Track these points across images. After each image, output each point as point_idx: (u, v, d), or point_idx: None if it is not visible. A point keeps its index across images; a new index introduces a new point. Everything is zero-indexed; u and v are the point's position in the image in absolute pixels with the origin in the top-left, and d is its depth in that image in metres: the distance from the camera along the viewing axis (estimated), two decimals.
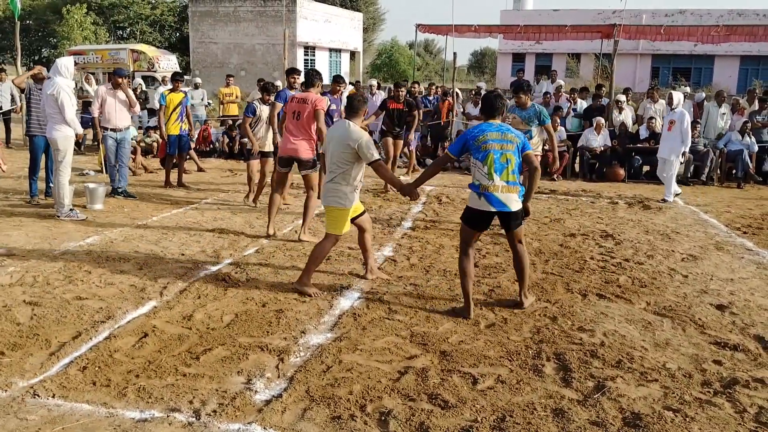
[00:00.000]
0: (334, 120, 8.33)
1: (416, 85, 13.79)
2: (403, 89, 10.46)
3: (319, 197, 6.54)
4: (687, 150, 10.08)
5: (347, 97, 5.78)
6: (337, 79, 9.48)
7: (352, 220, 5.58)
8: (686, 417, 3.49)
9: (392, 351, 4.29)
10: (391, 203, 9.56)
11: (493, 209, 4.82)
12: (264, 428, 3.31)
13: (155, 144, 13.51)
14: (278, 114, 8.49)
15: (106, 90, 9.40)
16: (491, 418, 3.45)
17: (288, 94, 8.73)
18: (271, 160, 8.59)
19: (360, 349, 4.31)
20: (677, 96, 10.20)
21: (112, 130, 9.39)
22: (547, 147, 9.17)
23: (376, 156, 5.26)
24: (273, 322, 4.73)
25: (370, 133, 9.45)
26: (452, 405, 3.57)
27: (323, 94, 7.80)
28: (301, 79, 8.40)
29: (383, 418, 3.43)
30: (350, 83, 17.52)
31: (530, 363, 4.16)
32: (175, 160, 10.57)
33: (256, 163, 8.94)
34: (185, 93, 10.48)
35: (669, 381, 3.93)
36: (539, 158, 7.64)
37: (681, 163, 10.25)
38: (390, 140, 10.49)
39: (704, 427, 3.39)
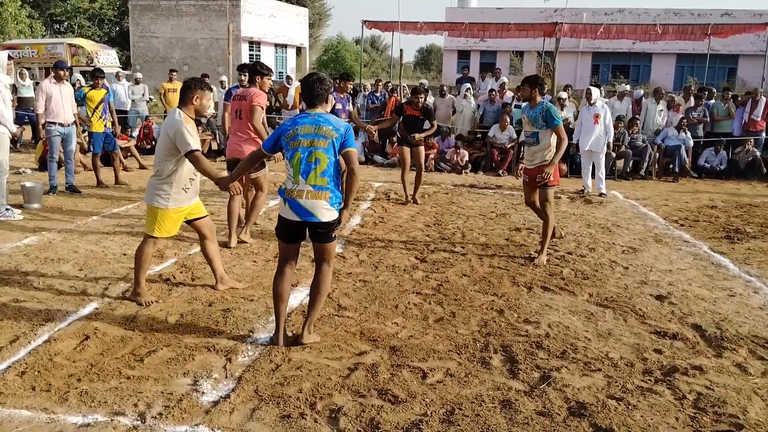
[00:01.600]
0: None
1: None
2: (422, 95, 9.34)
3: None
4: (611, 141, 10.60)
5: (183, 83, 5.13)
6: (345, 77, 8.71)
7: (189, 222, 5.17)
8: (629, 405, 3.59)
9: (342, 348, 4.28)
10: None
11: (297, 218, 4.08)
12: (212, 429, 3.26)
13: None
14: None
15: (49, 84, 9.08)
16: (440, 411, 3.48)
17: (234, 90, 8.64)
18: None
19: (309, 346, 4.28)
20: (595, 92, 10.61)
21: (60, 124, 9.09)
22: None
23: (193, 146, 4.72)
24: (220, 322, 4.66)
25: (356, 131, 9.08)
26: (402, 400, 3.59)
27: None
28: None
29: (333, 415, 3.42)
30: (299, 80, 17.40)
31: (478, 356, 4.21)
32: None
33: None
34: (107, 89, 10.18)
35: (612, 370, 4.04)
36: (549, 171, 6.32)
37: (607, 153, 10.77)
38: (405, 148, 9.38)
39: (646, 415, 3.50)
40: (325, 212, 4.07)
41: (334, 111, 7.23)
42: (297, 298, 5.23)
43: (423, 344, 4.37)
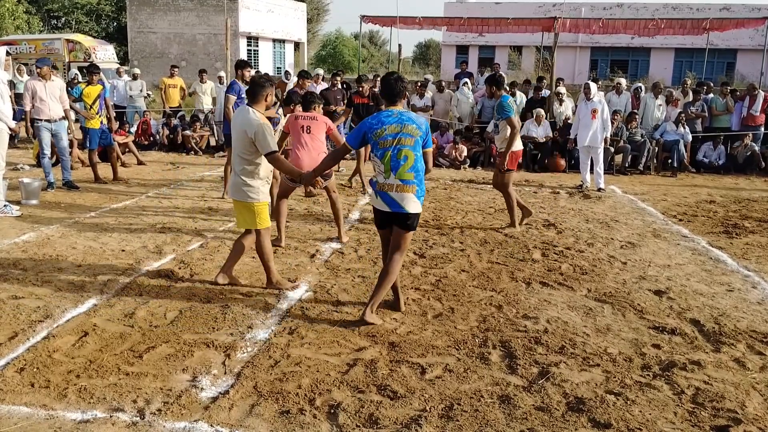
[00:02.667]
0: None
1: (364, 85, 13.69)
2: (366, 83, 10.37)
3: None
4: (608, 136, 10.56)
5: (250, 81, 5.31)
6: (302, 75, 9.06)
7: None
8: (627, 400, 3.60)
9: (341, 343, 4.28)
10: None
11: (387, 209, 4.49)
12: (211, 425, 3.26)
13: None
14: (233, 107, 8.37)
15: (34, 81, 9.03)
16: (439, 406, 3.49)
17: (240, 87, 8.62)
18: None
19: (308, 342, 4.29)
20: (593, 86, 10.57)
21: (46, 120, 9.06)
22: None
23: (273, 147, 4.87)
24: (219, 318, 4.66)
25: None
26: (401, 395, 3.59)
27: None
28: (252, 72, 8.34)
29: (332, 411, 3.43)
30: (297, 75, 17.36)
31: (477, 351, 4.21)
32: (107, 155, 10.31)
33: None
34: (103, 86, 10.15)
35: (610, 365, 4.05)
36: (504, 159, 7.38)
37: (605, 148, 10.75)
38: None
39: (644, 410, 3.50)
40: (412, 204, 4.48)
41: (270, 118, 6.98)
42: (297, 292, 5.23)
43: (422, 340, 4.37)
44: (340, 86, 12.69)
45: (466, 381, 3.80)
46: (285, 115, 7.15)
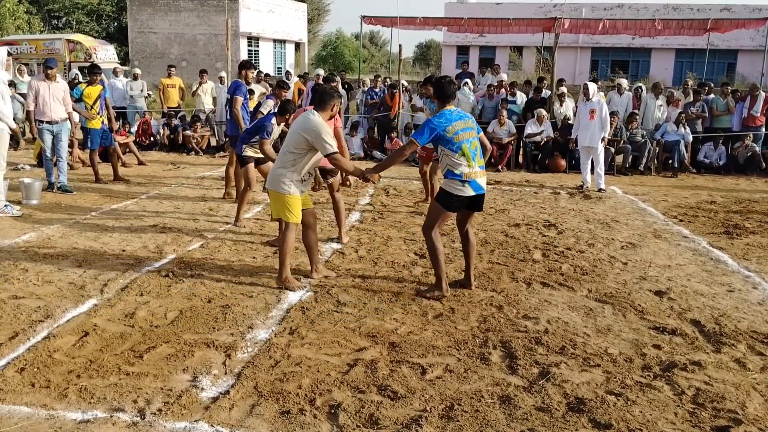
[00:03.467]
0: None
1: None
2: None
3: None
4: (607, 136, 10.55)
5: (316, 90, 5.68)
6: (280, 86, 9.05)
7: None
8: (628, 400, 3.59)
9: (341, 344, 4.28)
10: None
11: (473, 193, 5.07)
12: (211, 425, 3.26)
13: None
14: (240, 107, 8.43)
15: (38, 81, 9.04)
16: (440, 407, 3.49)
17: (246, 88, 8.67)
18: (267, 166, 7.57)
19: (309, 342, 4.29)
20: (592, 87, 10.56)
21: (48, 122, 9.06)
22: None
23: (334, 149, 5.15)
24: (219, 318, 4.66)
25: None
26: (401, 395, 3.59)
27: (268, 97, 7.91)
28: (255, 73, 8.42)
29: (333, 411, 3.42)
30: (298, 76, 17.38)
31: (477, 351, 4.21)
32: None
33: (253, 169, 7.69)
34: (103, 86, 10.14)
35: (611, 366, 4.05)
36: None
37: (606, 148, 10.78)
38: None
39: (645, 410, 3.50)
40: (486, 185, 5.20)
41: (262, 124, 6.99)
42: (298, 293, 5.23)
43: (422, 340, 4.37)
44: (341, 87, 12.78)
45: (467, 381, 3.80)
46: (278, 124, 7.13)
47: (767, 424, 3.39)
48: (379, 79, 15.55)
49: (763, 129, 12.91)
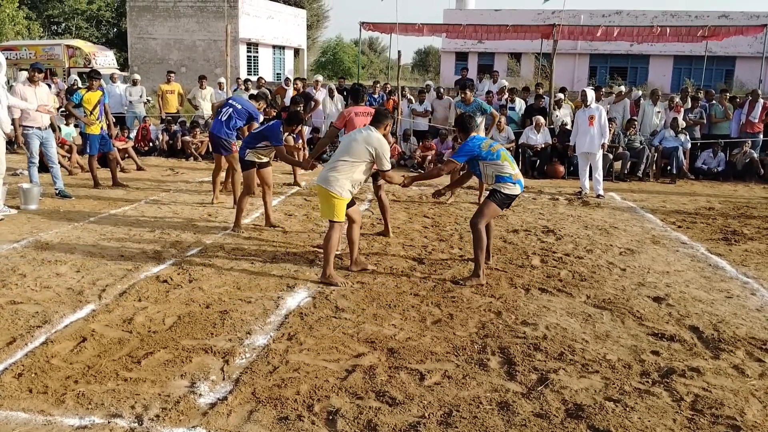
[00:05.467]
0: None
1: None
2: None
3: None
4: (607, 142, 10.57)
5: (376, 109, 6.15)
6: (256, 97, 9.19)
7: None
8: (626, 407, 3.59)
9: (339, 350, 4.28)
10: None
11: (520, 191, 5.86)
12: (209, 431, 3.25)
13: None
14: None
15: (23, 87, 8.91)
16: (438, 413, 3.48)
17: (261, 117, 8.85)
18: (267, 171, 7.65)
19: (307, 348, 4.28)
20: (590, 93, 10.57)
21: (37, 128, 9.01)
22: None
23: (390, 166, 5.83)
24: (217, 324, 4.66)
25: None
26: (400, 402, 3.59)
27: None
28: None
29: (331, 417, 3.42)
30: (296, 80, 17.40)
31: (476, 357, 4.21)
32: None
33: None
34: (103, 91, 10.13)
35: (609, 372, 4.04)
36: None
37: (604, 155, 10.82)
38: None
39: (644, 416, 3.50)
40: None
41: (272, 131, 7.16)
42: (296, 298, 5.23)
43: (421, 346, 4.37)
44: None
45: (465, 387, 3.80)
46: (286, 134, 7.21)
47: (766, 431, 3.39)
48: (378, 85, 15.57)
49: (761, 135, 12.94)
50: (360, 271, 6.01)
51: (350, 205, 5.84)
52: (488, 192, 5.96)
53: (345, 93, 15.20)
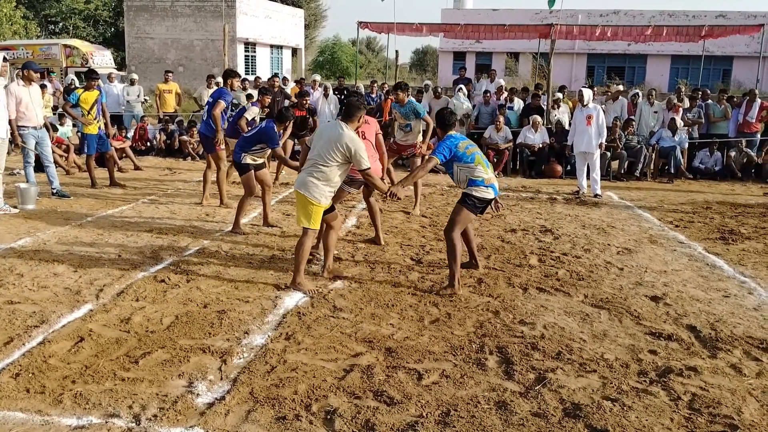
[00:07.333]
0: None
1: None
2: (307, 98, 11.25)
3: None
4: (604, 141, 10.55)
5: (347, 101, 5.73)
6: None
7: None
8: (624, 406, 3.59)
9: (337, 349, 4.28)
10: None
11: (494, 196, 5.66)
12: (206, 431, 3.25)
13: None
14: (222, 112, 8.49)
15: (18, 87, 8.82)
16: (436, 412, 3.48)
17: (230, 97, 8.73)
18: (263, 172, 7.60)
19: (305, 348, 4.28)
20: (587, 93, 10.55)
21: (33, 128, 8.97)
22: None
23: (369, 165, 5.39)
24: (215, 324, 4.65)
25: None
26: (398, 401, 3.59)
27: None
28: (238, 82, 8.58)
29: (329, 416, 3.42)
30: (295, 81, 17.41)
31: (474, 357, 4.21)
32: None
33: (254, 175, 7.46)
34: (100, 91, 10.11)
35: (607, 371, 4.05)
36: (423, 148, 8.70)
37: (602, 154, 10.83)
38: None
39: (641, 416, 3.50)
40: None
41: (267, 132, 7.15)
42: (294, 298, 5.23)
43: (418, 345, 4.37)
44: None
45: (463, 387, 3.80)
46: (278, 131, 7.19)
47: (763, 430, 3.40)
48: (376, 84, 15.56)
49: (759, 135, 12.96)
50: (333, 279, 5.75)
51: (330, 210, 5.63)
52: (460, 197, 5.73)
53: (344, 93, 15.19)
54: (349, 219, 8.32)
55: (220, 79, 14.82)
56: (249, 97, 12.89)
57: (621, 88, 14.27)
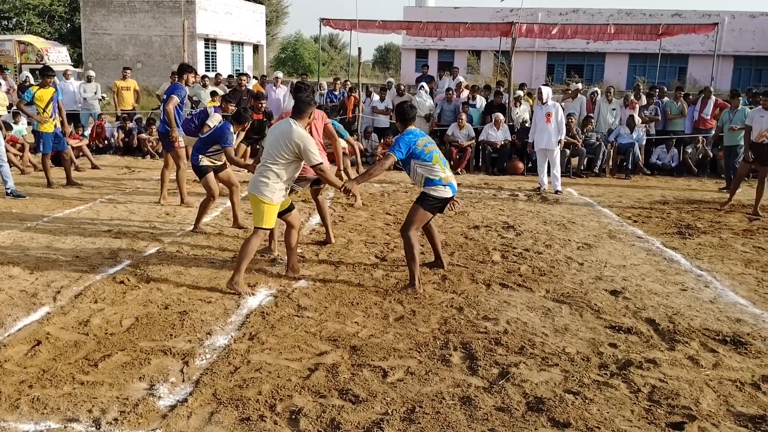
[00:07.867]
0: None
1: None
2: (264, 100, 10.71)
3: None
4: (563, 138, 10.73)
5: (297, 98, 5.59)
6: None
7: (280, 215, 5.55)
8: (585, 399, 3.65)
9: (302, 348, 4.25)
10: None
11: (451, 194, 5.61)
12: None
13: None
14: (176, 108, 8.36)
15: None
16: (401, 409, 3.49)
17: (183, 92, 8.57)
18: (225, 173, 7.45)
19: (269, 348, 4.25)
20: (546, 90, 10.71)
21: None
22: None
23: (320, 160, 5.27)
24: (176, 325, 4.59)
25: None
26: (363, 399, 3.58)
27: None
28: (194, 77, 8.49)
29: (294, 416, 3.40)
30: (254, 77, 17.23)
31: (438, 353, 4.23)
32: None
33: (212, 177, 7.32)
34: (56, 88, 9.88)
35: (569, 365, 4.10)
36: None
37: (561, 151, 11.01)
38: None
39: (602, 408, 3.56)
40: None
41: (221, 133, 7.01)
42: (258, 297, 5.18)
43: (383, 343, 4.37)
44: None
45: (428, 383, 3.81)
46: (235, 133, 7.11)
47: (720, 419, 3.48)
48: (338, 81, 15.51)
49: (713, 131, 13.28)
50: (296, 278, 5.70)
51: (290, 209, 5.63)
52: (418, 196, 5.72)
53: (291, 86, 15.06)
54: (313, 218, 8.28)
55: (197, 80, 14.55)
56: (213, 94, 12.70)
57: (580, 86, 14.46)
